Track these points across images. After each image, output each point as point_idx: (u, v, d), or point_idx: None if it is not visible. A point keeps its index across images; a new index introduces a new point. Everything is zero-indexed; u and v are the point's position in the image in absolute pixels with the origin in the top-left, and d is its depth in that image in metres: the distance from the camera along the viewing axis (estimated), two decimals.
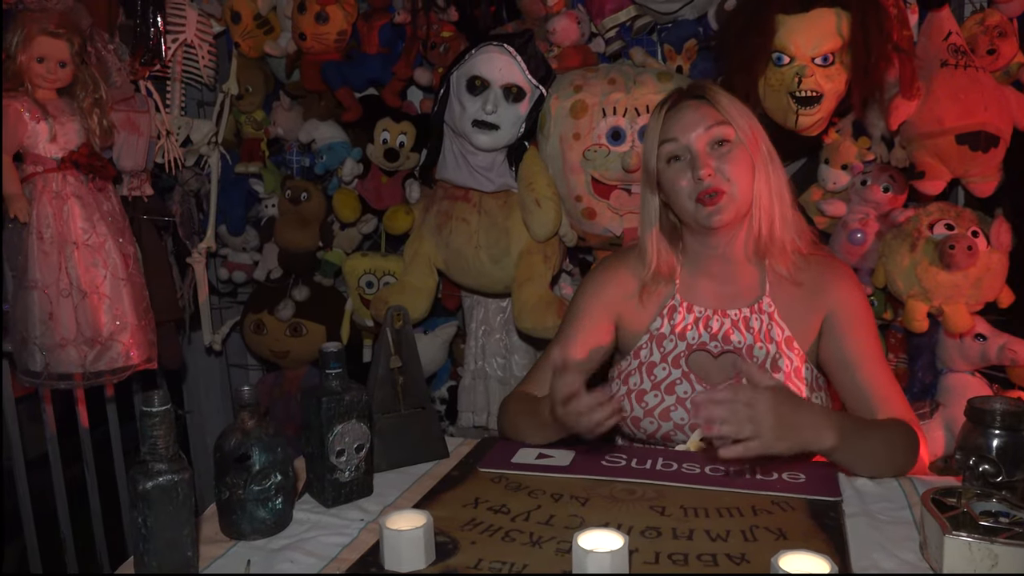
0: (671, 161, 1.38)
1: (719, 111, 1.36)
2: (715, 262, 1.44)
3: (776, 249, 1.39)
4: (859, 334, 1.40)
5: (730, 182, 1.34)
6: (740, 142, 1.36)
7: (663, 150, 1.38)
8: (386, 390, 1.34)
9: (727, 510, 1.10)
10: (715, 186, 1.33)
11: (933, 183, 1.86)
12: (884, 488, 1.20)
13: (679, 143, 1.36)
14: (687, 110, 1.37)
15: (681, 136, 1.36)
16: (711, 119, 1.35)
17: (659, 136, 1.38)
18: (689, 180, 1.35)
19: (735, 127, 1.36)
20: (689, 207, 1.36)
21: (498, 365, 2.23)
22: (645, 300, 1.48)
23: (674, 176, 1.37)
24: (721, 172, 1.34)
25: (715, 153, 1.35)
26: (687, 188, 1.35)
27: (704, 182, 1.32)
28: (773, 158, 1.40)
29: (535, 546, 1.01)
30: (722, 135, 1.35)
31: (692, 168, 1.34)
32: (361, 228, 2.35)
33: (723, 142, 1.35)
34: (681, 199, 1.37)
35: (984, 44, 1.83)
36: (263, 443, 1.07)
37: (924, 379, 2.01)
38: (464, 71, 1.96)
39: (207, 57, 2.26)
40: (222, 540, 1.08)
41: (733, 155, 1.35)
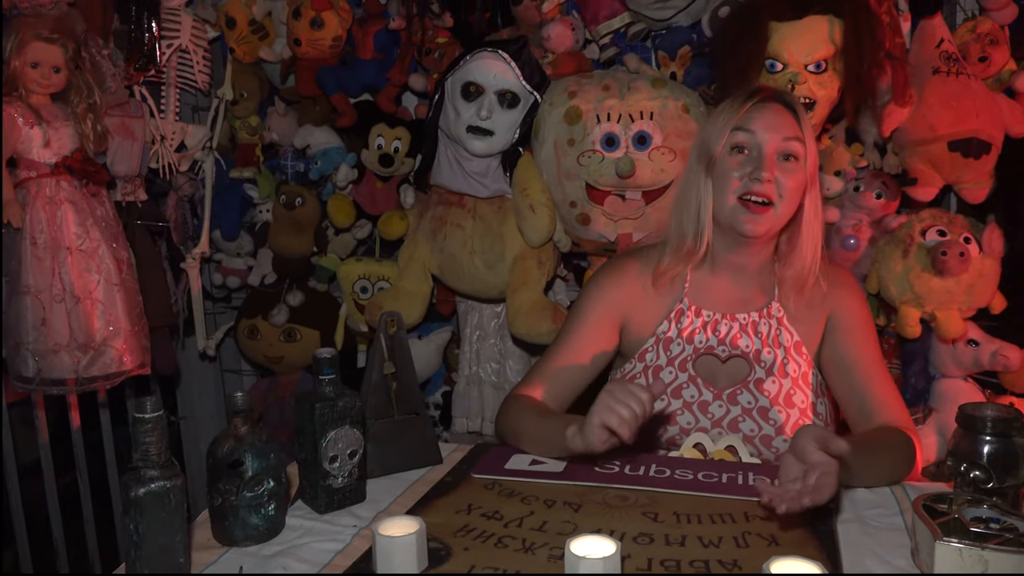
0: (734, 151, 1.35)
1: (800, 127, 1.35)
2: (729, 267, 1.43)
3: (804, 283, 1.39)
4: (859, 339, 1.41)
5: (781, 198, 1.32)
6: (803, 166, 1.35)
7: (734, 137, 1.35)
8: (380, 396, 1.34)
9: (719, 516, 1.10)
10: (767, 194, 1.31)
11: (925, 189, 1.87)
12: (876, 495, 1.20)
13: (754, 137, 1.33)
14: (772, 111, 1.35)
15: (759, 131, 1.33)
16: (790, 131, 1.34)
17: (735, 122, 1.35)
18: (743, 177, 1.33)
19: (806, 148, 1.35)
20: (729, 203, 1.34)
21: (492, 370, 2.24)
22: (656, 292, 1.45)
23: (731, 166, 1.34)
24: (779, 184, 1.32)
25: (780, 164, 1.33)
26: (738, 185, 1.33)
27: (761, 185, 1.30)
28: (820, 190, 1.40)
29: (528, 552, 1.01)
30: (793, 150, 1.33)
31: (753, 166, 1.32)
32: (356, 233, 2.35)
33: (790, 157, 1.33)
34: (726, 193, 1.34)
35: (976, 51, 1.85)
36: (256, 449, 1.07)
37: (917, 384, 2.02)
38: (459, 77, 1.96)
39: (202, 62, 2.26)
40: (214, 546, 1.08)
41: (795, 174, 1.33)
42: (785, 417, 1.36)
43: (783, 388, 1.38)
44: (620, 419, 1.13)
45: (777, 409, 1.36)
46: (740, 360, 1.41)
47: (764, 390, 1.38)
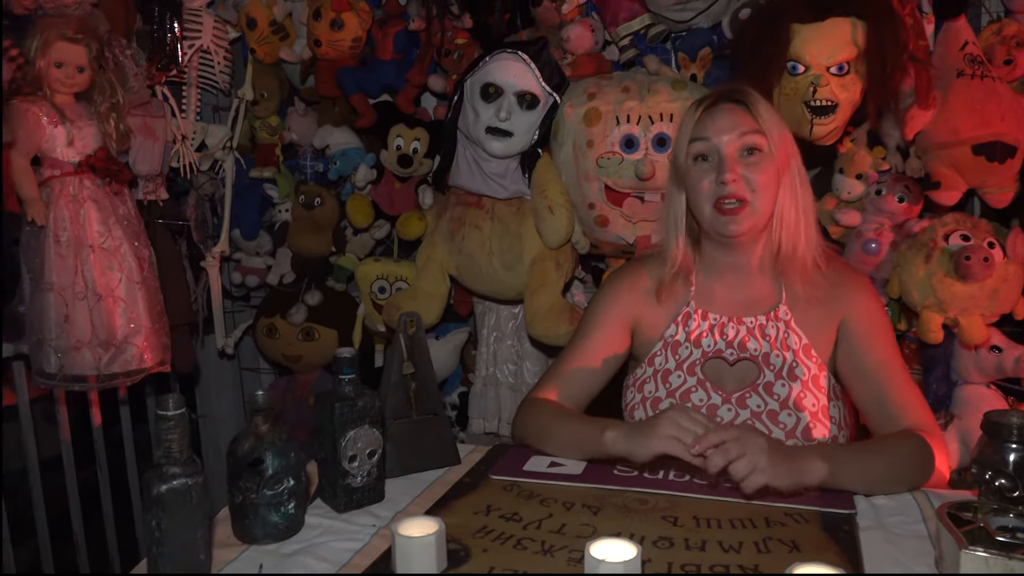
0: (698, 160, 1.36)
1: (756, 119, 1.34)
2: (730, 270, 1.43)
3: (797, 266, 1.38)
4: (876, 341, 1.39)
5: (754, 192, 1.32)
6: (771, 154, 1.34)
7: (692, 147, 1.36)
8: (399, 396, 1.34)
9: (740, 521, 1.10)
10: (737, 194, 1.31)
11: (949, 193, 1.85)
12: (899, 502, 1.19)
13: (710, 143, 1.34)
14: (724, 112, 1.35)
15: (713, 136, 1.34)
16: (746, 126, 1.34)
17: (691, 133, 1.36)
18: (712, 183, 1.33)
19: (768, 138, 1.34)
20: (707, 211, 1.35)
21: (509, 372, 2.23)
22: (662, 302, 1.47)
23: (698, 176, 1.36)
24: (747, 180, 1.32)
25: (743, 161, 1.33)
26: (708, 191, 1.34)
27: (727, 187, 1.31)
28: (802, 175, 1.39)
29: (547, 555, 1.01)
30: (754, 143, 1.33)
31: (717, 171, 1.33)
32: (374, 233, 2.35)
33: (753, 151, 1.34)
34: (700, 202, 1.35)
35: (1001, 54, 1.83)
36: (276, 448, 1.07)
37: (938, 391, 2.00)
38: (478, 78, 1.96)
39: (223, 63, 2.27)
40: (234, 544, 1.08)
41: (761, 166, 1.33)
42: (796, 421, 1.35)
43: (793, 391, 1.37)
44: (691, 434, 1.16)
45: (787, 412, 1.35)
46: (749, 363, 1.40)
47: (774, 393, 1.37)
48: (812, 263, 1.38)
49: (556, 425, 1.36)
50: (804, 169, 1.41)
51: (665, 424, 1.18)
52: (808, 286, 1.39)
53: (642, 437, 1.19)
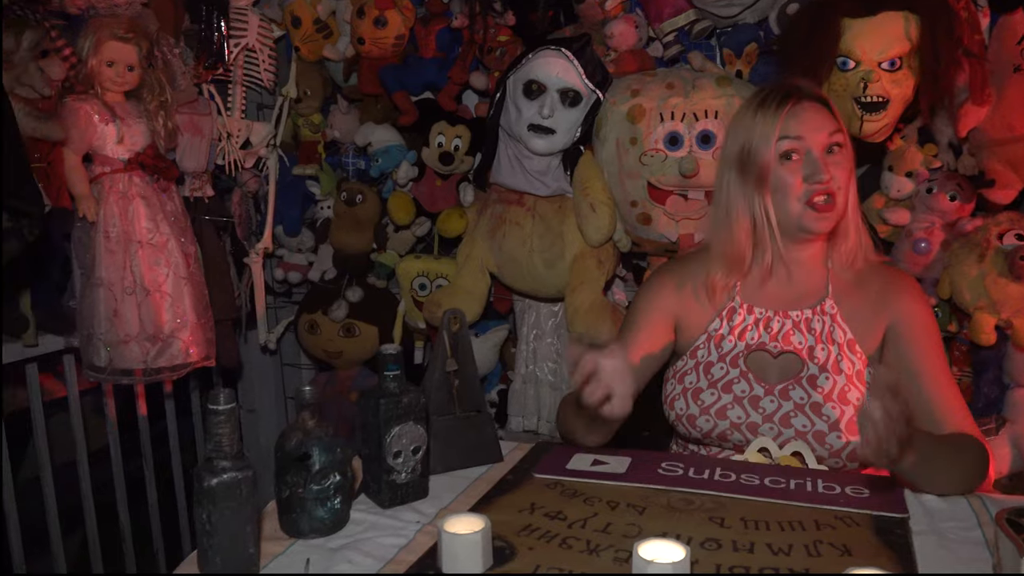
0: (785, 158, 1.35)
1: (836, 119, 1.37)
2: (783, 265, 1.42)
3: (847, 255, 1.40)
4: (924, 346, 1.36)
5: (840, 189, 1.34)
6: (848, 151, 1.37)
7: (782, 145, 1.34)
8: (442, 393, 1.34)
9: (789, 524, 1.08)
10: (831, 190, 1.33)
11: (1004, 191, 1.80)
12: (952, 506, 1.16)
13: (802, 142, 1.34)
14: (810, 111, 1.36)
15: (806, 135, 1.34)
16: (832, 125, 1.36)
17: (779, 131, 1.35)
18: (802, 182, 1.34)
19: (845, 136, 1.37)
20: (796, 209, 1.34)
21: (549, 370, 2.23)
22: (704, 303, 1.46)
23: (787, 174, 1.35)
24: (835, 179, 1.33)
25: (830, 159, 1.34)
26: (801, 190, 1.34)
27: (825, 185, 1.32)
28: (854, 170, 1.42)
29: (592, 554, 1.00)
30: (839, 142, 1.36)
31: (810, 170, 1.33)
32: (415, 230, 2.36)
33: (838, 148, 1.36)
34: (790, 200, 1.35)
35: None
36: (323, 443, 1.08)
37: (989, 394, 1.95)
38: (521, 75, 1.96)
39: (267, 61, 2.30)
40: (281, 538, 1.09)
41: (844, 164, 1.35)
42: (840, 413, 1.32)
43: (837, 384, 1.34)
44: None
45: (831, 405, 1.33)
46: (792, 356, 1.39)
47: (817, 386, 1.35)
48: (861, 250, 1.41)
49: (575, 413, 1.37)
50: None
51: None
52: (856, 274, 1.41)
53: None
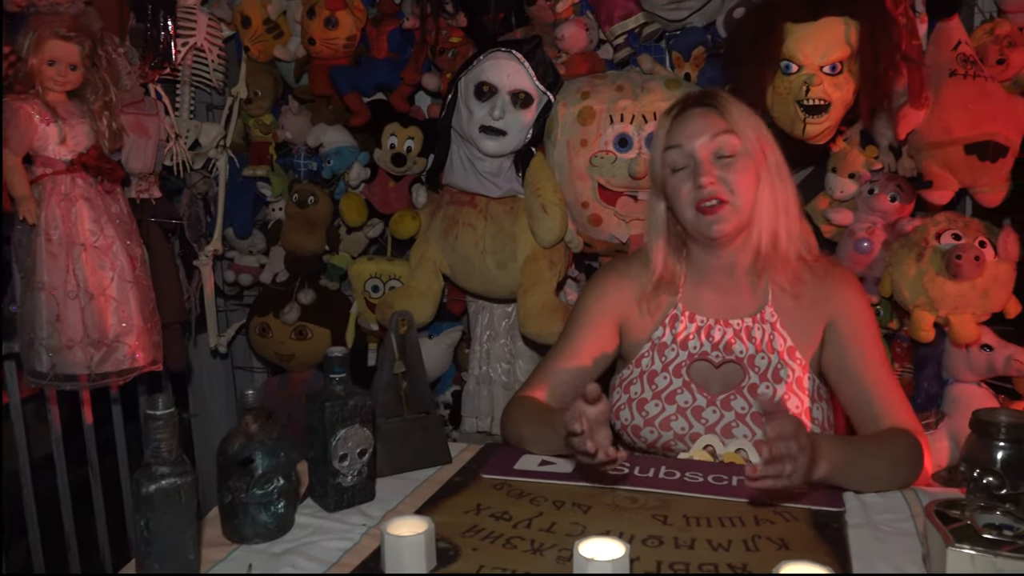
0: (674, 167, 1.37)
1: (726, 120, 1.35)
2: (718, 272, 1.43)
3: (779, 262, 1.39)
4: (862, 341, 1.39)
5: (733, 193, 1.33)
6: (746, 152, 1.35)
7: (667, 156, 1.37)
8: (390, 395, 1.34)
9: (729, 519, 1.10)
10: (716, 195, 1.32)
11: (941, 193, 1.85)
12: (888, 499, 1.19)
13: (683, 150, 1.35)
14: (694, 117, 1.36)
15: (685, 143, 1.35)
16: (717, 127, 1.34)
17: (664, 142, 1.38)
18: (691, 188, 1.34)
19: (742, 137, 1.34)
20: (690, 216, 1.36)
21: (502, 370, 2.24)
22: (647, 308, 1.48)
23: (677, 184, 1.36)
24: (724, 182, 1.33)
25: (719, 163, 1.34)
26: (689, 197, 1.35)
27: (705, 190, 1.32)
28: (781, 170, 1.39)
29: (536, 553, 1.01)
30: (727, 144, 1.34)
31: (694, 176, 1.33)
32: (368, 232, 2.35)
33: (727, 151, 1.34)
34: (683, 207, 1.36)
35: (994, 54, 1.83)
36: (266, 447, 1.07)
37: (929, 389, 2.00)
38: (472, 77, 1.96)
39: (216, 61, 2.27)
40: (224, 544, 1.08)
41: (738, 166, 1.34)
42: None
43: (777, 393, 1.37)
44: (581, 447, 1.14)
45: None
46: (734, 366, 1.41)
47: (758, 395, 1.37)
48: (796, 256, 1.39)
49: (532, 424, 1.37)
50: (784, 164, 1.40)
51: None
52: (794, 281, 1.40)
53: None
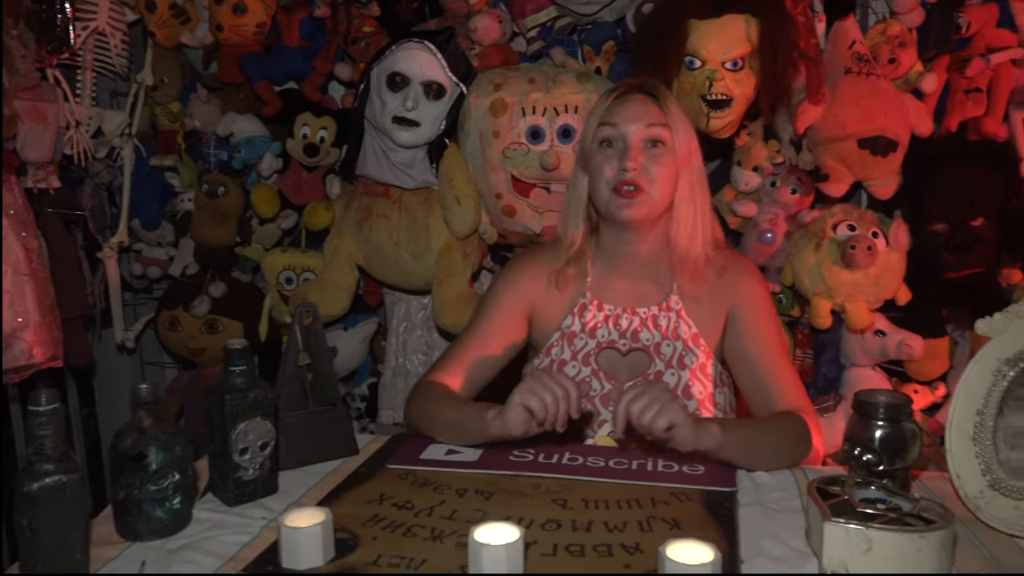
0: (603, 145, 1.40)
1: (664, 113, 1.39)
2: (626, 261, 1.46)
3: (690, 264, 1.43)
4: (761, 329, 1.45)
5: (652, 183, 1.36)
6: (673, 149, 1.39)
7: (600, 132, 1.40)
8: (295, 387, 1.33)
9: (626, 502, 1.13)
10: (636, 181, 1.35)
11: (836, 185, 1.93)
12: (778, 478, 1.25)
13: (617, 129, 1.38)
14: (635, 102, 1.40)
15: (621, 124, 1.38)
16: (654, 118, 1.38)
17: (600, 118, 1.40)
18: (614, 169, 1.37)
19: (673, 134, 1.38)
20: (605, 195, 1.38)
21: (419, 362, 2.23)
22: (559, 288, 1.49)
23: (602, 160, 1.39)
24: (647, 170, 1.36)
25: (647, 152, 1.37)
26: (610, 176, 1.38)
27: (627, 173, 1.35)
28: (702, 178, 1.44)
29: (436, 541, 1.02)
30: (659, 136, 1.38)
31: (620, 157, 1.37)
32: (281, 224, 2.32)
33: (657, 143, 1.38)
34: (600, 185, 1.39)
35: (886, 53, 1.91)
36: (160, 442, 1.05)
37: (828, 373, 2.09)
38: (384, 67, 1.95)
39: (120, 46, 2.19)
40: (117, 541, 1.05)
41: (663, 159, 1.38)
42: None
43: (682, 380, 1.41)
44: (541, 403, 1.17)
45: None
46: (641, 353, 1.44)
47: (663, 382, 1.41)
48: (704, 261, 1.44)
49: (445, 409, 1.37)
50: (704, 171, 1.45)
51: (518, 391, 1.19)
52: (698, 282, 1.44)
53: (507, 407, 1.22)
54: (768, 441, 1.28)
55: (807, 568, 0.98)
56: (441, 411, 1.37)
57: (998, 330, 1.15)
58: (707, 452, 1.21)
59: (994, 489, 1.10)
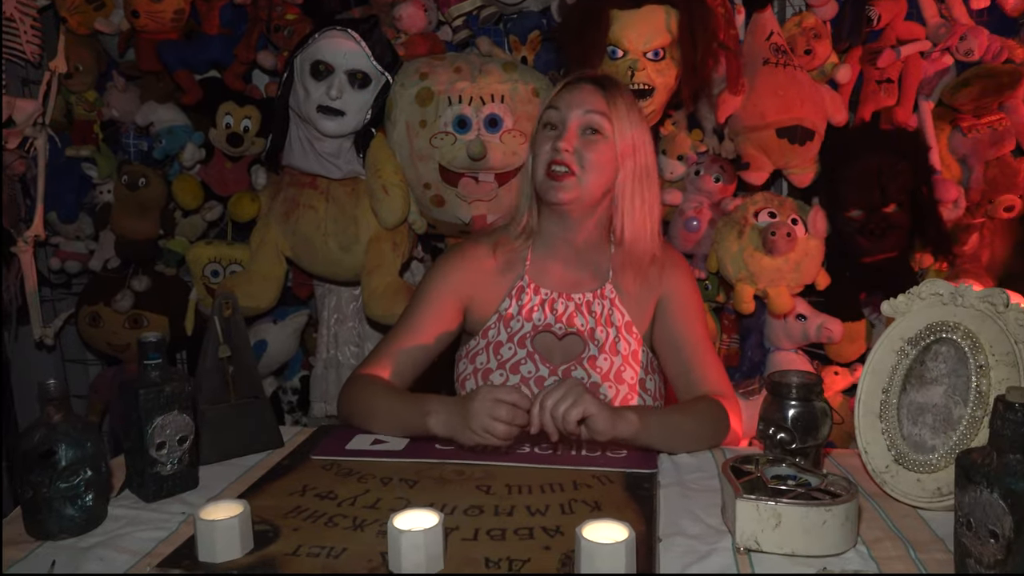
0: (546, 127, 1.42)
1: (607, 104, 1.39)
2: (563, 245, 1.48)
3: (635, 260, 1.45)
4: (688, 317, 1.49)
5: (583, 168, 1.37)
6: (611, 140, 1.39)
7: (545, 114, 1.42)
8: (215, 380, 1.30)
9: (549, 486, 1.14)
10: (567, 161, 1.36)
11: (757, 173, 1.98)
12: (698, 459, 1.28)
13: (559, 113, 1.40)
14: (580, 90, 1.41)
15: (563, 108, 1.39)
16: (595, 105, 1.39)
17: (548, 102, 1.43)
18: (549, 150, 1.39)
19: (614, 125, 1.39)
20: (540, 176, 1.40)
21: (351, 353, 2.22)
22: (499, 271, 1.50)
23: (541, 141, 1.41)
24: (579, 154, 1.37)
25: (583, 137, 1.39)
26: (544, 156, 1.39)
27: (559, 154, 1.36)
28: (651, 175, 1.44)
29: (357, 530, 1.02)
30: (597, 124, 1.39)
31: (554, 137, 1.39)
32: (205, 215, 2.27)
33: (595, 131, 1.39)
34: (538, 165, 1.41)
35: (802, 44, 1.97)
36: (70, 438, 1.02)
37: (754, 357, 2.15)
38: (308, 55, 1.92)
39: (30, 32, 2.12)
40: (27, 541, 1.02)
41: (598, 146, 1.39)
42: (615, 393, 1.43)
43: (614, 365, 1.44)
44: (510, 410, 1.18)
45: (608, 385, 1.43)
46: (575, 338, 1.47)
47: (596, 367, 1.44)
48: (650, 259, 1.46)
49: (380, 403, 1.36)
50: (655, 171, 1.46)
51: (476, 419, 1.19)
52: (639, 277, 1.47)
53: (461, 428, 1.22)
54: (686, 426, 1.31)
55: (722, 544, 1.01)
56: (379, 405, 1.37)
57: (901, 311, 1.20)
58: (625, 440, 1.24)
59: (898, 463, 1.15)
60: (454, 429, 1.23)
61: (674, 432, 1.29)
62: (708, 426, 1.33)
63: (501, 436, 1.19)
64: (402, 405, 1.34)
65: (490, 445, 1.21)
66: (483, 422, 1.18)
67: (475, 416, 1.19)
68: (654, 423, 1.26)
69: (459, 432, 1.22)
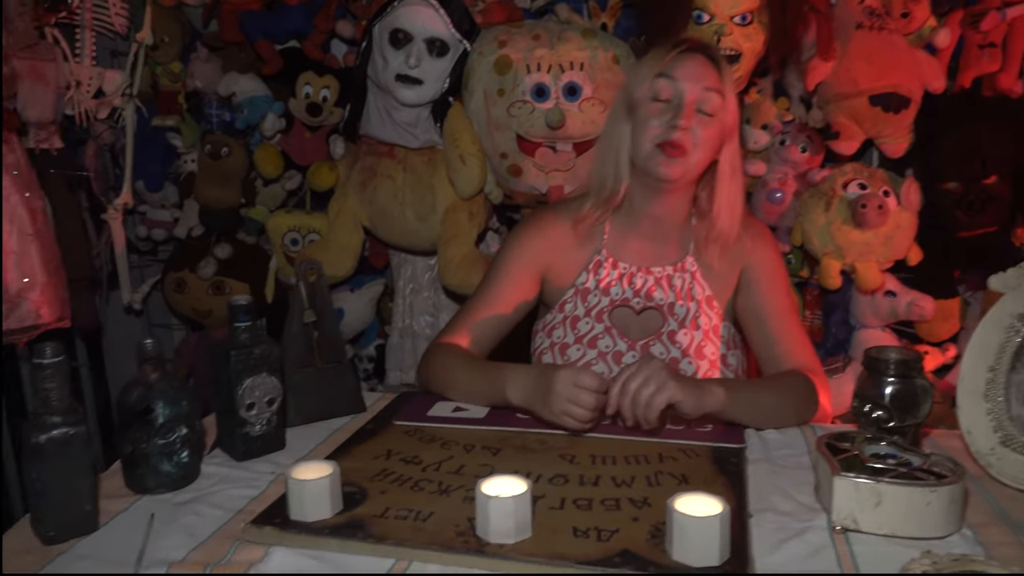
0: (655, 98, 1.35)
1: (720, 80, 1.35)
2: (646, 219, 1.44)
3: (723, 240, 1.42)
4: (773, 289, 1.45)
5: (696, 146, 1.33)
6: (721, 120, 1.35)
7: (656, 84, 1.34)
8: (301, 345, 1.32)
9: (634, 458, 1.13)
10: (682, 141, 1.31)
11: (847, 143, 1.90)
12: (786, 436, 1.24)
13: (675, 84, 1.33)
14: (695, 62, 1.35)
15: (680, 80, 1.33)
16: (712, 82, 1.34)
17: (659, 68, 1.35)
18: (663, 125, 1.33)
19: (725, 102, 1.35)
20: (646, 149, 1.34)
21: (426, 323, 2.23)
22: (577, 243, 1.47)
23: (650, 114, 1.34)
24: (694, 133, 1.33)
25: (697, 115, 1.33)
26: (656, 131, 1.33)
27: (677, 132, 1.31)
28: (741, 157, 1.42)
29: (443, 494, 1.02)
30: (712, 101, 1.33)
31: (672, 114, 1.32)
32: (285, 184, 2.30)
33: (709, 108, 1.34)
34: (644, 138, 1.34)
35: (898, 7, 1.86)
36: (167, 396, 1.05)
37: (838, 335, 2.08)
38: (387, 24, 1.92)
39: (119, 5, 2.15)
40: (126, 495, 1.06)
41: (712, 127, 1.34)
42: (695, 368, 1.40)
43: (694, 340, 1.41)
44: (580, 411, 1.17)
45: (688, 360, 1.40)
46: (654, 312, 1.44)
47: (676, 341, 1.41)
48: (735, 239, 1.43)
49: (460, 373, 1.36)
50: (741, 153, 1.43)
51: (557, 402, 1.17)
52: (723, 250, 1.43)
53: (540, 405, 1.20)
54: (773, 400, 1.28)
55: (816, 522, 0.98)
56: (458, 375, 1.36)
57: (1011, 286, 1.13)
58: (713, 414, 1.21)
59: (1005, 446, 1.10)
60: (533, 403, 1.22)
61: (762, 407, 1.25)
62: (797, 402, 1.29)
63: (580, 421, 1.17)
64: (481, 374, 1.34)
65: (568, 428, 1.20)
66: (563, 406, 1.17)
67: (556, 399, 1.17)
68: (741, 397, 1.23)
69: (538, 407, 1.21)
